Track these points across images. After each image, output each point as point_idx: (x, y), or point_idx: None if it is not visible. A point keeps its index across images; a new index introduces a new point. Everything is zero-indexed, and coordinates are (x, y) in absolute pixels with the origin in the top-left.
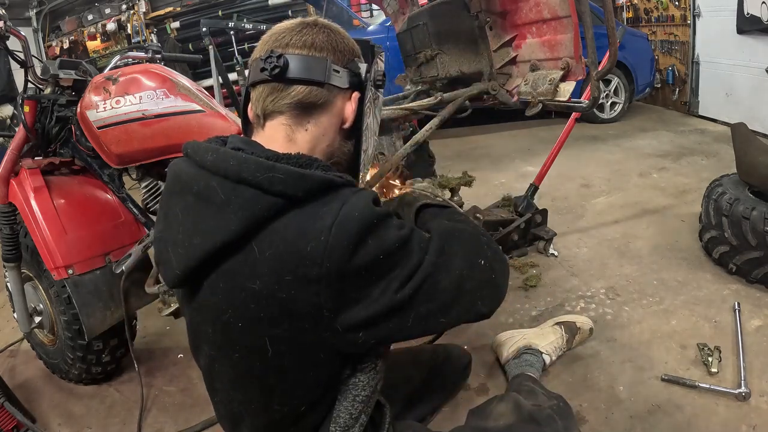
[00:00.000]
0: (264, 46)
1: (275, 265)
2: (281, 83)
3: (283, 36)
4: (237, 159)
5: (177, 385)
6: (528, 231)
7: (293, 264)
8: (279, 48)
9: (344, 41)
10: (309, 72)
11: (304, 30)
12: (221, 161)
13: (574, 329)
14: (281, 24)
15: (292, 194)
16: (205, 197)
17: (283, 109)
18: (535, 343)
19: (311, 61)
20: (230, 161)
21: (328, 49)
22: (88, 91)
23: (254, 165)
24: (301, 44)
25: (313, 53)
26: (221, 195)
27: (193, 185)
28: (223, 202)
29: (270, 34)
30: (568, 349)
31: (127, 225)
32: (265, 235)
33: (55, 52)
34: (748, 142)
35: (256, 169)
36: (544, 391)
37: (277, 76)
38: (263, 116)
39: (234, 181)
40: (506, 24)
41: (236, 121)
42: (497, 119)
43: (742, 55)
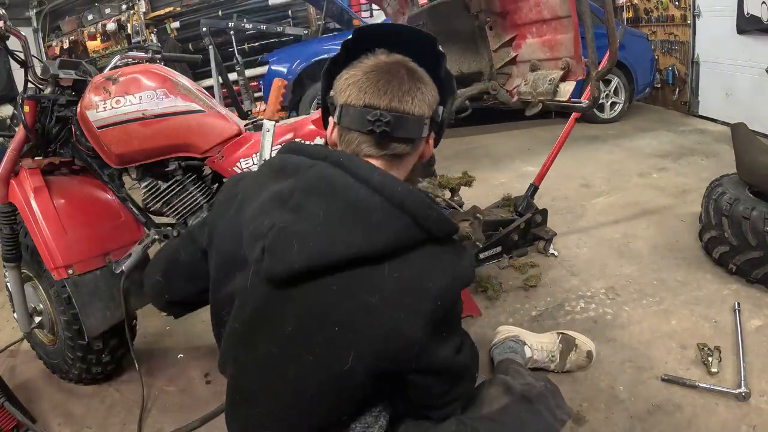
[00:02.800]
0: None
1: (398, 287)
2: (384, 140)
3: (384, 88)
4: (404, 187)
5: (177, 385)
6: (528, 231)
7: (414, 293)
8: (382, 103)
9: (432, 91)
10: (408, 132)
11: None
12: (390, 184)
13: (571, 344)
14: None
15: (436, 234)
16: (359, 209)
17: (378, 156)
18: (522, 336)
19: (413, 123)
20: (398, 187)
21: (422, 105)
22: (88, 91)
23: (418, 199)
24: (403, 102)
25: (413, 112)
26: (379, 214)
27: (350, 194)
28: (380, 221)
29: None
30: (561, 365)
31: (127, 225)
32: (400, 260)
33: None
34: (748, 142)
35: (419, 203)
36: (530, 374)
37: (381, 136)
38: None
39: (396, 206)
40: (506, 24)
41: (236, 121)
42: (497, 119)
43: (742, 55)
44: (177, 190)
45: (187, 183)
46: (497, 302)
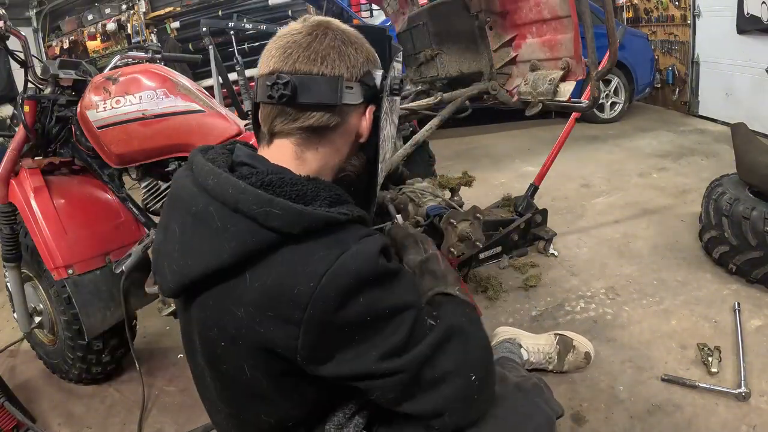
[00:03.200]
0: (269, 60)
1: (260, 299)
2: (289, 108)
3: (289, 51)
4: (236, 188)
5: (177, 385)
6: (528, 231)
7: (277, 302)
8: (285, 66)
9: (358, 51)
10: (320, 96)
11: (312, 43)
12: (220, 187)
13: (569, 345)
14: (286, 30)
15: (287, 232)
16: (202, 220)
17: (292, 132)
18: (518, 338)
19: (322, 83)
20: (229, 189)
21: (340, 65)
22: (88, 91)
23: (252, 197)
24: (310, 62)
25: (324, 72)
26: (218, 222)
27: (192, 206)
28: (219, 229)
29: (275, 45)
30: (559, 366)
31: (127, 225)
32: (261, 267)
33: (55, 52)
34: (748, 142)
35: (253, 201)
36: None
37: (284, 102)
38: (270, 134)
39: (231, 209)
40: (506, 24)
41: (236, 121)
42: (497, 119)
43: (742, 55)
44: None
45: None
46: (497, 302)
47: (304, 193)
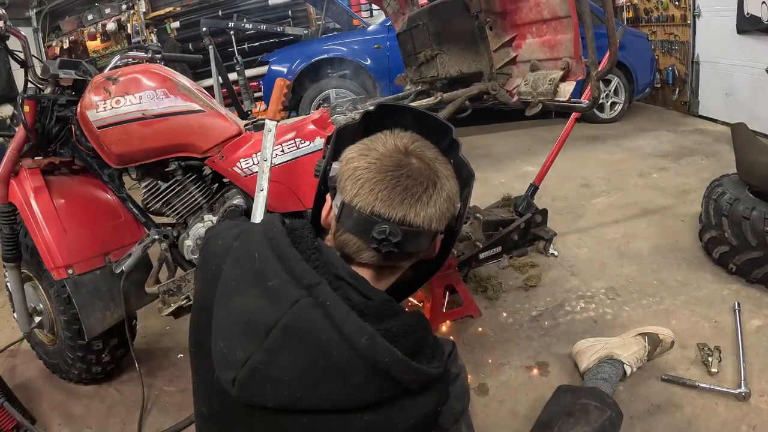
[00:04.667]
0: (371, 195)
1: (365, 427)
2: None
3: (398, 198)
4: (392, 357)
5: (177, 385)
6: (528, 231)
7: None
8: (394, 213)
9: (454, 200)
10: (418, 247)
11: (423, 196)
12: (376, 352)
13: (656, 341)
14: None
15: (413, 389)
16: (340, 370)
17: (374, 266)
18: (617, 353)
19: (424, 237)
20: (385, 357)
21: (441, 221)
22: (88, 91)
23: (403, 367)
24: (420, 217)
25: (430, 228)
26: (361, 378)
27: (332, 353)
28: (360, 383)
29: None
30: (648, 360)
31: (127, 225)
32: (378, 410)
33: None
34: (748, 142)
35: (403, 371)
36: (598, 403)
37: (384, 259)
38: (347, 258)
39: (379, 373)
40: (506, 24)
41: (236, 121)
42: (497, 119)
43: (742, 55)
44: (177, 190)
45: (187, 183)
46: (497, 302)
47: (420, 341)
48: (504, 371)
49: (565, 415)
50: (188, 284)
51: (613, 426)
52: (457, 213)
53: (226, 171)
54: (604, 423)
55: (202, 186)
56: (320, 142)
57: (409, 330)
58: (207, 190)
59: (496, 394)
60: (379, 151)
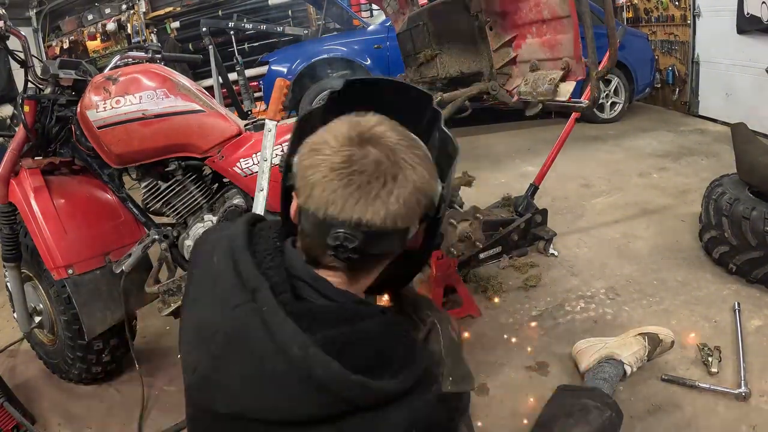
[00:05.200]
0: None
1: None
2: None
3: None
4: (327, 370)
5: (177, 385)
6: (528, 231)
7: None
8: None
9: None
10: (387, 248)
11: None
12: (309, 363)
13: (656, 341)
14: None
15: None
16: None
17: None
18: (617, 354)
19: (392, 237)
20: (319, 370)
21: (413, 216)
22: (88, 91)
23: (344, 383)
24: (382, 217)
25: (397, 227)
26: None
27: (266, 364)
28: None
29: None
30: (648, 360)
31: (127, 225)
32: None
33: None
34: (748, 142)
35: (345, 386)
36: (598, 404)
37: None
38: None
39: (315, 386)
40: (506, 24)
41: (236, 121)
42: (497, 119)
43: (742, 55)
44: (177, 190)
45: (187, 183)
46: (497, 302)
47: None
48: (504, 371)
49: (565, 416)
50: None
51: (613, 426)
52: (437, 198)
53: (226, 171)
54: (604, 423)
55: (202, 186)
56: None
57: (365, 338)
58: (207, 190)
59: (496, 394)
60: (329, 144)
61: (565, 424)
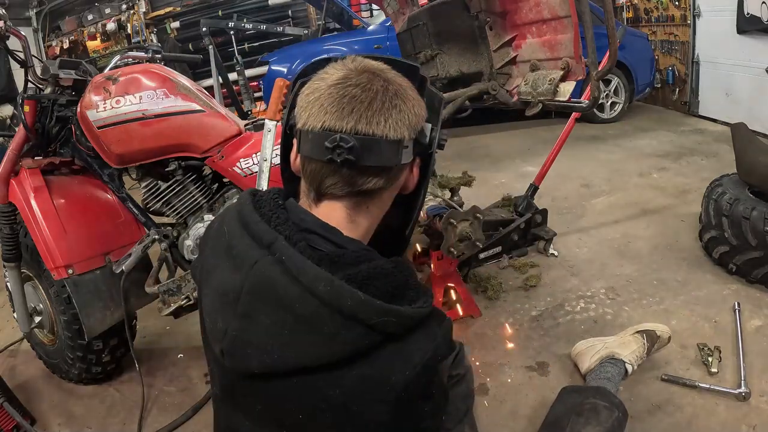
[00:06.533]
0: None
1: (358, 383)
2: (346, 170)
3: (348, 107)
4: (355, 299)
5: (177, 385)
6: (528, 231)
7: (376, 387)
8: (345, 125)
9: (414, 107)
10: (381, 160)
11: (374, 101)
12: (337, 297)
13: (654, 337)
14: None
15: (397, 333)
16: (309, 323)
17: (344, 194)
18: (617, 353)
19: (384, 146)
20: (348, 300)
21: (401, 126)
22: (88, 91)
23: (371, 308)
24: (373, 124)
25: (387, 135)
26: (330, 327)
27: (296, 306)
28: (331, 334)
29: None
30: (647, 356)
31: (127, 225)
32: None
33: (55, 52)
34: (748, 142)
35: (373, 312)
36: (607, 403)
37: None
38: (318, 194)
39: (347, 318)
40: (506, 24)
41: (236, 121)
42: (497, 119)
43: (742, 55)
44: (177, 190)
45: (187, 183)
46: (497, 302)
47: (397, 284)
48: (504, 371)
49: (575, 415)
50: (188, 284)
51: (621, 426)
52: (428, 132)
53: (226, 171)
54: (613, 423)
55: (202, 186)
56: None
57: (381, 273)
58: (207, 190)
59: (496, 394)
60: (328, 72)
61: (576, 423)
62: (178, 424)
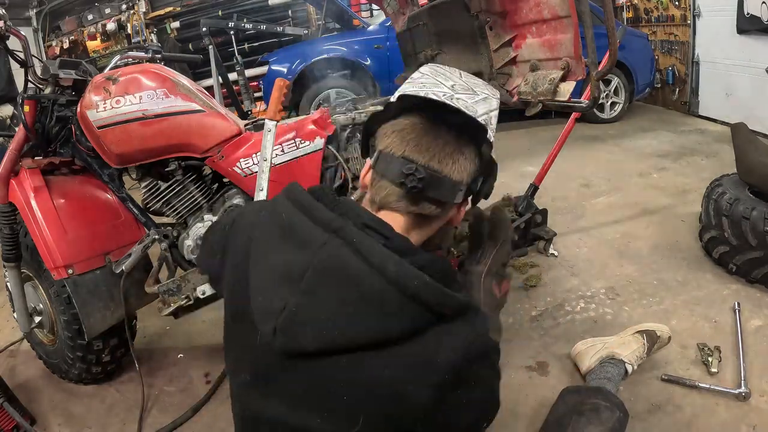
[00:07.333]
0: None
1: (407, 362)
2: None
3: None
4: (420, 280)
5: (177, 385)
6: (528, 231)
7: (422, 367)
8: (421, 158)
9: (475, 160)
10: (441, 195)
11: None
12: (404, 277)
13: (654, 337)
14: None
15: (448, 315)
16: (373, 300)
17: (404, 212)
18: (617, 353)
19: (447, 185)
20: (414, 281)
21: (463, 172)
22: (88, 91)
23: (432, 290)
24: (443, 164)
25: (452, 176)
26: (393, 306)
27: (363, 284)
28: (394, 313)
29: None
30: (647, 356)
31: (127, 225)
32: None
33: (55, 52)
34: (748, 142)
35: (432, 293)
36: (608, 403)
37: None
38: (380, 206)
39: (409, 297)
40: (506, 24)
41: (236, 121)
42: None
43: (742, 55)
44: (177, 190)
45: (187, 183)
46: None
47: (448, 273)
48: (504, 371)
49: (576, 415)
50: (188, 284)
51: (622, 426)
52: (479, 183)
53: (226, 171)
54: (614, 423)
55: (202, 186)
56: (320, 142)
57: (435, 262)
58: (207, 190)
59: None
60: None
61: (578, 422)
62: (178, 424)
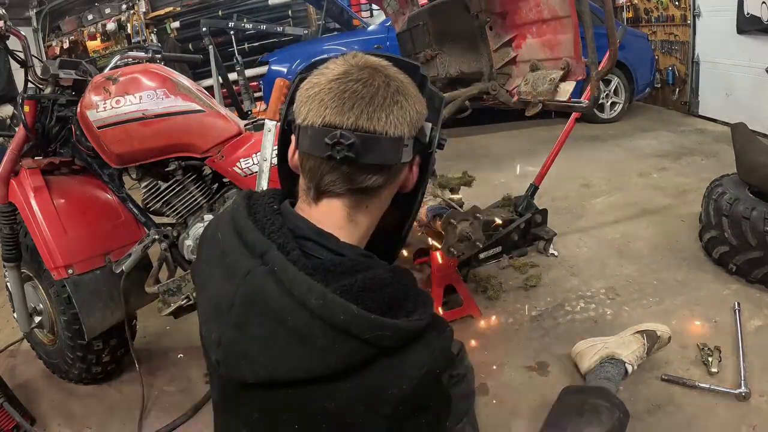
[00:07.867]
0: (321, 108)
1: (354, 396)
2: (346, 167)
3: (348, 103)
4: (348, 313)
5: (177, 385)
6: (528, 231)
7: (372, 399)
8: (345, 121)
9: (414, 104)
10: (381, 157)
11: (375, 97)
12: (329, 311)
13: (654, 337)
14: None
15: (392, 347)
16: (301, 335)
17: (343, 192)
18: (617, 353)
19: (384, 144)
20: (340, 314)
21: (402, 123)
22: (88, 91)
23: (365, 323)
24: (374, 120)
25: (388, 132)
26: (323, 341)
27: (288, 319)
28: (325, 347)
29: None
30: (647, 356)
31: (127, 225)
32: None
33: (55, 52)
34: (748, 142)
35: (367, 326)
36: (608, 404)
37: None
38: (317, 191)
39: (339, 331)
40: (506, 24)
41: (236, 121)
42: (497, 119)
43: (742, 55)
44: (177, 190)
45: (187, 183)
46: (497, 302)
47: (394, 295)
48: (504, 371)
49: (576, 415)
50: (188, 284)
51: (622, 426)
52: (428, 131)
53: (226, 171)
54: (614, 423)
55: (202, 186)
56: None
57: (378, 284)
58: (207, 190)
59: (496, 394)
60: (329, 67)
61: (578, 423)
62: (178, 424)
